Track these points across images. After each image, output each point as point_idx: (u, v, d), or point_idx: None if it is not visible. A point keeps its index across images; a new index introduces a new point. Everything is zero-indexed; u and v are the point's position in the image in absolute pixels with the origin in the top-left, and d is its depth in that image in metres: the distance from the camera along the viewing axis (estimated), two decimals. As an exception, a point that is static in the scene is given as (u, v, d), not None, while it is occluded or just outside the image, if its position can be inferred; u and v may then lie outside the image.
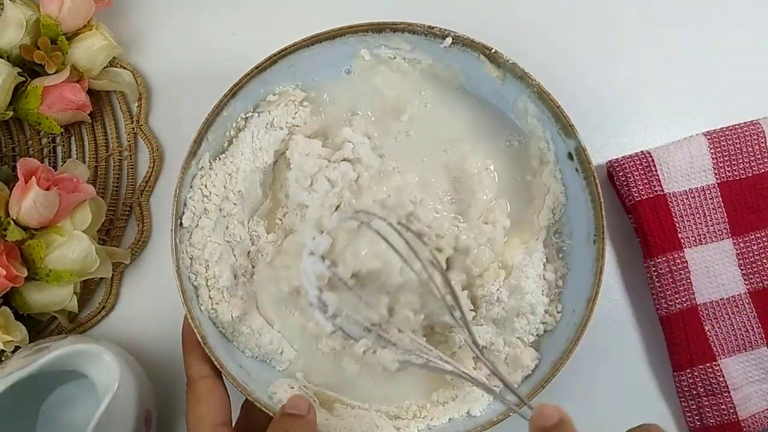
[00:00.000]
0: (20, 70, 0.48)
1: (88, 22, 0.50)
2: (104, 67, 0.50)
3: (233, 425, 0.43)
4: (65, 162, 0.50)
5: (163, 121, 0.53)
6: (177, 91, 0.53)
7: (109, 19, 0.52)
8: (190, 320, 0.42)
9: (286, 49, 0.45)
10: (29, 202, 0.43)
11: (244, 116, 0.47)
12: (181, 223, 0.45)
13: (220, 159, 0.47)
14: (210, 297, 0.45)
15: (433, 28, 0.46)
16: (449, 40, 0.46)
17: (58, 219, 0.45)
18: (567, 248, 0.47)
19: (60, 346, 0.42)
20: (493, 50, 0.46)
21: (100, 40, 0.49)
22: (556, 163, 0.47)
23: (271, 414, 0.42)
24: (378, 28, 0.46)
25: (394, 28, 0.46)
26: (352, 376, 0.47)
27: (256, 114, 0.47)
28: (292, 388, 0.45)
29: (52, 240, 0.45)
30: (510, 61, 0.45)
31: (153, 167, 0.52)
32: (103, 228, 0.50)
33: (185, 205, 0.45)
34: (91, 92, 0.51)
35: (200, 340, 0.42)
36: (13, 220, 0.44)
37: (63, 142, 0.52)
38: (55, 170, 0.48)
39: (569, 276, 0.47)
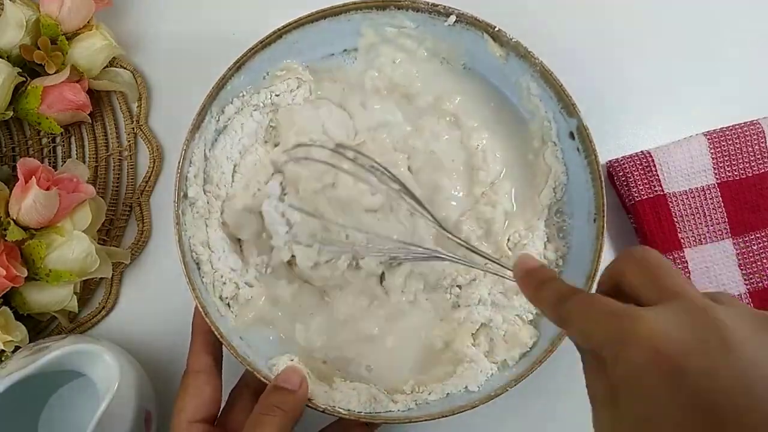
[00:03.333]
0: (20, 70, 0.48)
1: (88, 22, 0.50)
2: (104, 67, 0.50)
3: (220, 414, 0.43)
4: (65, 162, 0.50)
5: (163, 121, 0.53)
6: (177, 91, 0.53)
7: (109, 19, 0.52)
8: (190, 290, 0.42)
9: (290, 24, 0.46)
10: (29, 202, 0.43)
11: (245, 94, 0.47)
12: (186, 195, 0.45)
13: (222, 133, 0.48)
14: (213, 269, 0.46)
15: (437, 5, 0.46)
16: (453, 17, 0.47)
17: (58, 219, 0.45)
18: (568, 227, 0.48)
19: (60, 346, 0.42)
20: (496, 28, 0.46)
21: (100, 40, 0.49)
22: (558, 143, 0.47)
23: (266, 382, 0.42)
24: (382, 5, 0.47)
25: (399, 5, 0.47)
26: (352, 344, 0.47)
27: (258, 92, 0.48)
28: (292, 360, 0.45)
29: (52, 240, 0.45)
30: (513, 40, 0.46)
31: (153, 167, 0.52)
32: (103, 228, 0.50)
33: (195, 176, 0.45)
34: (91, 92, 0.51)
35: (201, 310, 0.42)
36: (13, 220, 0.44)
37: (63, 142, 0.52)
38: (55, 170, 0.48)
39: (569, 255, 0.47)
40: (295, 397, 0.40)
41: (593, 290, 0.43)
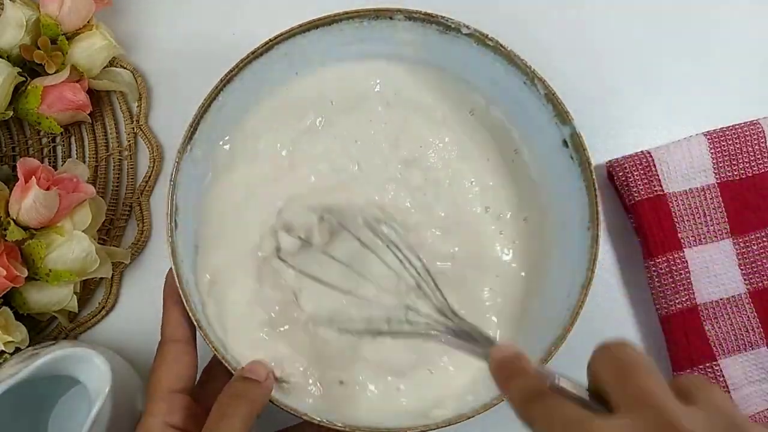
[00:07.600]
0: (20, 70, 0.48)
1: (88, 21, 0.50)
2: (104, 67, 0.50)
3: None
4: (65, 162, 0.50)
5: (163, 121, 0.53)
6: (177, 91, 0.53)
7: (109, 19, 0.52)
8: (175, 278, 0.41)
9: (281, 35, 0.45)
10: (29, 202, 0.43)
11: None
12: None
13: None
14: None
15: (430, 14, 0.46)
16: (444, 26, 0.46)
17: (58, 219, 0.45)
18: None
19: (49, 351, 0.41)
20: (488, 36, 0.45)
21: (100, 40, 0.49)
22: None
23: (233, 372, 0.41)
24: (375, 15, 0.46)
25: (391, 14, 0.46)
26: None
27: None
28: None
29: (52, 240, 0.45)
30: (507, 48, 0.45)
31: (153, 167, 0.52)
32: (103, 228, 0.50)
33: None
34: (91, 92, 0.51)
35: (182, 296, 0.41)
36: (13, 220, 0.44)
37: (63, 142, 0.52)
38: (55, 170, 0.48)
39: (564, 262, 0.46)
40: (260, 388, 0.40)
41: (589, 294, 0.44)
